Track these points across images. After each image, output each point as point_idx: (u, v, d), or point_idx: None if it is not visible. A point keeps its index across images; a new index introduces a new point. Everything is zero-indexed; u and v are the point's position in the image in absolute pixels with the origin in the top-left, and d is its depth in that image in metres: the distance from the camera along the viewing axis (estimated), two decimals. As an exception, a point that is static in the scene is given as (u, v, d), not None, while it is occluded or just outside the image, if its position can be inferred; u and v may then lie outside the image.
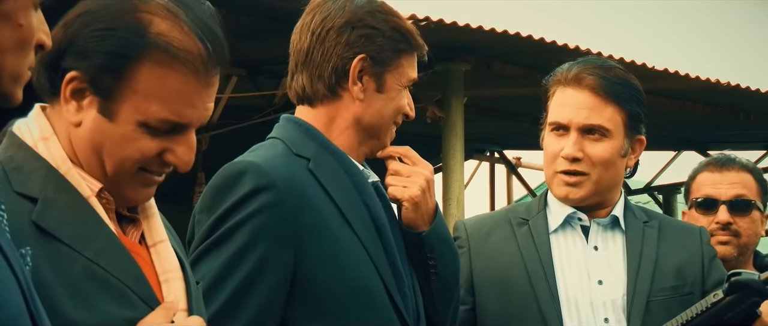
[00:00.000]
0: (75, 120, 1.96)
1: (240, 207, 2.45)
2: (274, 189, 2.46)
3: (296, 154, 2.57)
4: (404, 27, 2.64)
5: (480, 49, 8.82)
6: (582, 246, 3.00)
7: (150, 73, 1.94)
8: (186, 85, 1.96)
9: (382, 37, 2.60)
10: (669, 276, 3.00)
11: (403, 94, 2.64)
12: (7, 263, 1.54)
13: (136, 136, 1.96)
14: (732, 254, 3.77)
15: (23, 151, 1.97)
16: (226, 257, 2.45)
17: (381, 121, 2.62)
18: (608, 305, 2.94)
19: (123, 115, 1.95)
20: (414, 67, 2.66)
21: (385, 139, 2.66)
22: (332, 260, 2.49)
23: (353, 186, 2.58)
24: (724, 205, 3.75)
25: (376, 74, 2.60)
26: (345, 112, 2.61)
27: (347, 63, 2.58)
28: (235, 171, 2.49)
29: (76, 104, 1.96)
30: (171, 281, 2.02)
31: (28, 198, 1.91)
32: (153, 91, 1.95)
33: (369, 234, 2.56)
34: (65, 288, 1.86)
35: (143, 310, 1.93)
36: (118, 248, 1.95)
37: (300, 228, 2.47)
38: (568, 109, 2.98)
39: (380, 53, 2.59)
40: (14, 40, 1.61)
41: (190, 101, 1.97)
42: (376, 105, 2.61)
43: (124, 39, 1.94)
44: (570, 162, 2.96)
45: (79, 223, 1.93)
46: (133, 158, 1.97)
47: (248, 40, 8.08)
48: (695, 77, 9.61)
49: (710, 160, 3.92)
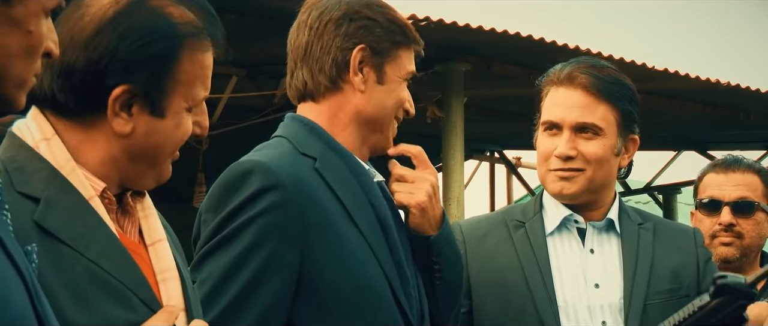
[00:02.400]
0: (126, 131, 1.98)
1: (247, 207, 2.46)
2: (282, 188, 2.46)
3: (302, 153, 2.57)
4: (400, 20, 2.65)
5: (480, 49, 8.82)
6: (578, 249, 3.00)
7: (188, 61, 2.01)
8: (210, 62, 2.05)
9: (380, 28, 2.61)
10: (665, 279, 3.00)
11: (403, 87, 2.65)
12: (12, 262, 1.54)
13: (182, 121, 2.03)
14: (734, 255, 3.77)
15: (25, 152, 1.97)
16: (232, 256, 2.45)
17: (383, 113, 2.62)
18: (606, 308, 2.94)
19: (173, 108, 2.01)
20: (412, 60, 2.66)
21: (388, 134, 2.65)
22: (338, 259, 2.49)
23: (359, 186, 2.58)
24: (727, 207, 3.75)
25: (376, 65, 2.60)
26: (347, 105, 2.61)
27: (347, 54, 2.58)
28: (242, 170, 2.50)
29: (125, 116, 1.97)
30: (168, 281, 2.02)
31: (31, 198, 1.92)
32: (194, 75, 2.02)
33: (375, 234, 2.56)
34: (66, 288, 1.86)
35: (143, 312, 1.94)
36: (119, 249, 1.96)
37: (306, 228, 2.47)
38: (561, 108, 2.99)
39: (379, 44, 2.60)
40: (23, 46, 1.61)
41: (211, 70, 2.06)
42: (378, 96, 2.61)
43: (164, 41, 1.98)
44: (563, 160, 2.96)
45: (81, 224, 1.93)
46: (181, 140, 2.05)
47: (248, 40, 8.08)
48: (695, 77, 9.61)
49: (718, 160, 3.92)
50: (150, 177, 2.06)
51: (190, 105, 2.03)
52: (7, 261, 1.54)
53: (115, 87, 1.95)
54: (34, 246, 1.77)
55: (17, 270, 1.54)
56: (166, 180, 2.09)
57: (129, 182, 2.03)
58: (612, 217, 3.04)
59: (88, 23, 1.97)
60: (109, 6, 1.98)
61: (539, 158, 3.03)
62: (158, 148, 2.02)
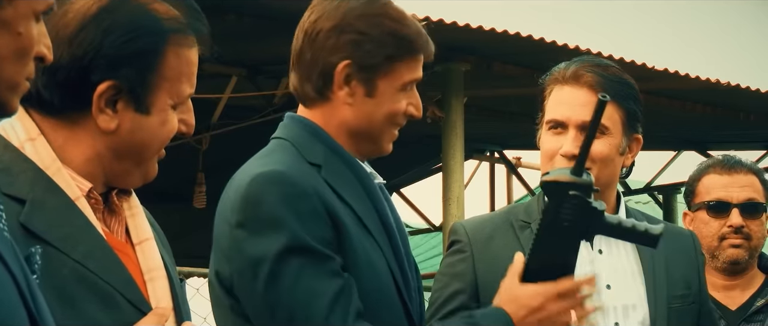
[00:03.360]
0: (111, 127, 1.98)
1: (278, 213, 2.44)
2: (309, 196, 2.45)
3: (308, 161, 2.54)
4: (400, 32, 2.54)
5: (480, 49, 8.81)
6: (587, 249, 2.97)
7: (173, 57, 2.00)
8: (195, 54, 2.03)
9: (371, 43, 2.52)
10: (679, 284, 2.99)
11: (400, 97, 2.57)
12: (2, 261, 1.53)
13: (168, 118, 2.01)
14: (744, 257, 3.77)
15: (10, 152, 1.96)
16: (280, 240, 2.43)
17: (370, 126, 2.57)
18: (618, 310, 2.92)
19: (158, 105, 2.00)
20: (414, 69, 2.57)
21: (381, 143, 2.61)
22: (363, 261, 2.49)
23: (364, 191, 2.57)
24: (736, 208, 3.75)
25: (365, 80, 2.53)
26: (334, 117, 2.56)
27: (332, 68, 2.52)
28: (263, 179, 2.46)
29: (110, 112, 1.97)
30: (156, 280, 2.02)
31: (16, 200, 1.91)
32: (179, 72, 2.01)
33: (382, 237, 2.56)
34: (52, 290, 1.85)
35: (130, 313, 1.93)
36: (105, 250, 1.95)
37: (337, 230, 2.47)
38: (566, 106, 2.96)
39: (367, 59, 2.52)
40: (12, 48, 1.60)
41: (196, 66, 2.04)
42: (366, 109, 2.55)
43: (149, 36, 1.97)
44: (569, 159, 2.93)
45: (67, 225, 1.93)
46: (167, 138, 2.03)
47: (248, 40, 8.08)
48: (695, 77, 9.60)
49: (715, 161, 3.90)
50: (136, 175, 2.05)
51: (176, 101, 2.02)
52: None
53: (99, 83, 1.95)
54: (37, 247, 1.77)
55: (7, 269, 1.53)
56: (152, 178, 2.08)
57: (115, 180, 2.02)
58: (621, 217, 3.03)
59: (71, 19, 1.96)
60: (93, 2, 1.97)
61: (544, 157, 3.01)
62: (144, 145, 2.01)
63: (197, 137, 9.53)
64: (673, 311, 2.93)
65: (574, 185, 2.54)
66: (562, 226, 2.55)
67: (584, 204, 2.55)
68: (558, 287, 2.57)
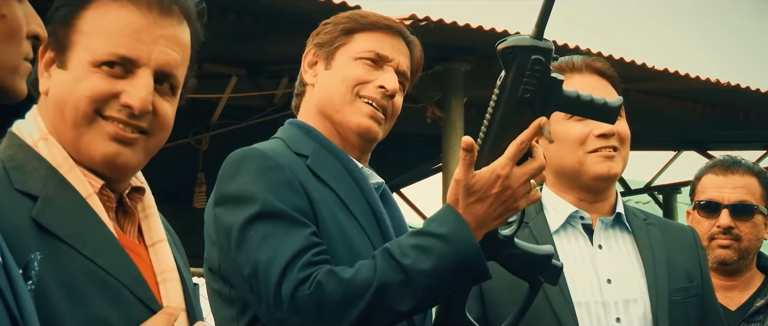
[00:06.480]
0: (45, 89, 2.01)
1: (251, 185, 2.48)
2: (282, 168, 2.50)
3: (295, 152, 2.59)
4: (357, 13, 2.73)
5: (480, 49, 8.81)
6: (586, 245, 2.99)
7: (95, 14, 2.00)
8: (130, 19, 2.00)
9: (330, 26, 2.72)
10: (681, 277, 3.00)
11: (356, 65, 2.66)
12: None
13: (85, 75, 1.98)
14: (732, 258, 3.78)
15: (24, 151, 1.98)
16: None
17: (331, 97, 2.66)
18: (619, 305, 2.93)
19: (75, 60, 1.99)
20: (374, 41, 2.67)
21: (349, 116, 2.64)
22: (339, 239, 2.50)
23: (353, 181, 2.60)
24: (725, 209, 3.75)
25: (326, 55, 2.70)
26: (310, 102, 2.71)
27: (304, 60, 2.74)
28: (239, 155, 2.52)
29: (46, 74, 2.01)
30: (168, 281, 2.03)
31: (29, 196, 1.92)
32: (98, 29, 1.99)
33: (370, 224, 2.57)
34: (61, 286, 1.86)
35: (139, 311, 1.94)
36: (116, 248, 1.96)
37: (312, 201, 2.49)
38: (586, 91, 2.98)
39: (325, 38, 2.71)
40: (0, 32, 1.60)
41: (136, 35, 1.99)
42: (325, 82, 2.69)
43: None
44: (607, 138, 2.96)
45: (78, 222, 1.94)
46: (84, 96, 1.98)
47: (248, 40, 8.08)
48: (695, 77, 9.60)
49: (716, 161, 3.92)
50: (92, 141, 2.00)
51: (92, 58, 1.99)
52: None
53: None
54: (37, 254, 1.77)
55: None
56: (101, 148, 2.01)
57: (78, 154, 2.00)
58: (620, 211, 3.04)
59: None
60: None
61: (572, 144, 3.00)
62: (62, 102, 1.99)
63: (197, 137, 9.54)
64: (674, 304, 2.94)
65: (536, 49, 2.31)
66: (522, 98, 2.33)
67: (546, 71, 2.32)
68: (508, 153, 2.35)
